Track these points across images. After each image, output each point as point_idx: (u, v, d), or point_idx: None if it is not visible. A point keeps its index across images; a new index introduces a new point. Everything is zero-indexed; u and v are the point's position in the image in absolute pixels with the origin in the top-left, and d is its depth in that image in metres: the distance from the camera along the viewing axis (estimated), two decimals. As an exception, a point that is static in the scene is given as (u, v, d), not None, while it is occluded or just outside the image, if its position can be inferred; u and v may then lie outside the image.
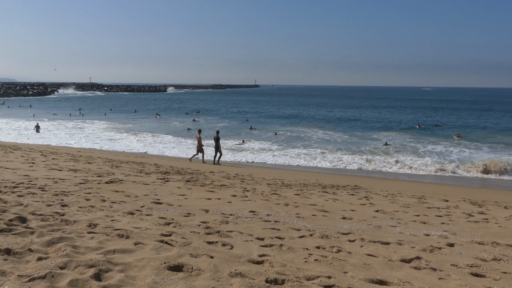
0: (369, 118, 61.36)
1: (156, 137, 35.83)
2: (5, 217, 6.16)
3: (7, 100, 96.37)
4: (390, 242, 6.61)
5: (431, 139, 36.40)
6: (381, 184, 16.71)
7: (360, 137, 38.45)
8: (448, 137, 38.02)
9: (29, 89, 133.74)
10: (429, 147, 31.60)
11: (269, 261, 5.13)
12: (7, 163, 13.46)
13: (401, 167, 23.25)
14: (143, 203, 8.49)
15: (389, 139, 35.94)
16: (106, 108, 74.86)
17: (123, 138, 34.97)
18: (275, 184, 13.61)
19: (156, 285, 4.14)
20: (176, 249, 5.26)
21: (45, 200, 7.87)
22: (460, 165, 22.97)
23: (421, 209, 10.26)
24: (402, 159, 24.85)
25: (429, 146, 32.50)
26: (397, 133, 41.82)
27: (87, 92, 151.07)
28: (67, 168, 13.42)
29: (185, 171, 15.66)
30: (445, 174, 21.89)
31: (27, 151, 18.43)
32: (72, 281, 4.04)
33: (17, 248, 4.84)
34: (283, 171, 20.49)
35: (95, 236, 5.59)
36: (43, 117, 53.25)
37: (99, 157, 19.21)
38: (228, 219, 7.52)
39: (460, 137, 38.00)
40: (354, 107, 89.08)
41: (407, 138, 37.46)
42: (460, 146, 32.31)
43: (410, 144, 33.55)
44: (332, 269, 5.06)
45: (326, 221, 8.06)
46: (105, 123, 47.86)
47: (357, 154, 27.12)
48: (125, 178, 11.97)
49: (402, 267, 5.33)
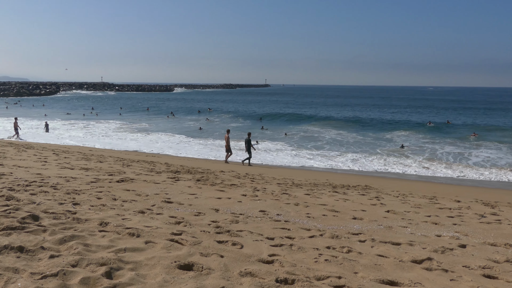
0: (380, 117, 61.07)
1: (171, 137, 35.93)
2: (18, 215, 6.23)
3: (20, 99, 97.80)
4: (401, 242, 6.57)
5: (447, 140, 35.62)
6: (392, 184, 16.61)
7: (374, 137, 37.87)
8: (463, 137, 37.51)
9: (42, 89, 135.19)
10: (447, 149, 30.52)
11: (279, 260, 5.13)
12: (20, 161, 13.61)
13: (434, 172, 21.87)
14: (154, 202, 8.53)
15: (403, 139, 35.59)
16: (118, 107, 75.20)
17: (137, 137, 35.08)
18: (285, 184, 13.59)
19: (166, 283, 4.16)
20: (186, 248, 5.28)
21: (57, 198, 7.95)
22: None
23: (432, 209, 10.18)
24: (433, 168, 23.09)
25: (446, 147, 31.50)
26: (409, 132, 41.50)
27: (91, 92, 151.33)
28: (78, 166, 13.53)
29: (195, 170, 15.71)
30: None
31: (40, 150, 18.63)
32: (83, 279, 4.08)
33: (30, 246, 4.89)
34: (293, 170, 20.46)
35: (106, 235, 5.63)
36: (57, 117, 53.60)
37: (110, 156, 19.35)
38: (238, 219, 7.53)
39: (476, 136, 37.50)
40: (365, 106, 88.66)
41: (422, 139, 36.79)
42: (481, 148, 31.08)
43: (426, 145, 32.81)
44: (343, 269, 5.04)
45: (336, 221, 8.03)
46: (120, 123, 48.03)
47: (375, 157, 26.50)
48: (136, 177, 12.04)
49: (413, 268, 5.29)
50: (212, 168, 17.70)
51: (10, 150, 16.98)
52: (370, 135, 40.12)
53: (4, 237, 5.09)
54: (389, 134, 40.23)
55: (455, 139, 35.85)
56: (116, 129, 41.71)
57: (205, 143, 32.67)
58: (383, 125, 48.28)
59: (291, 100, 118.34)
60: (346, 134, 40.30)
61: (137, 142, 31.93)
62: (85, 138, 33.16)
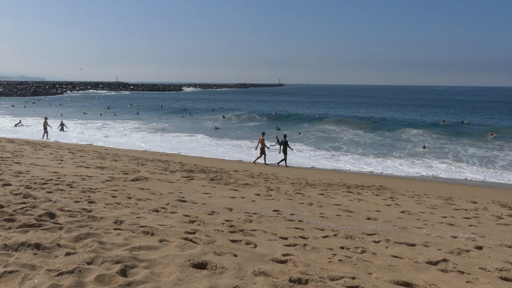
0: (394, 116, 60.61)
1: (191, 136, 35.95)
2: (35, 212, 6.32)
3: (28, 99, 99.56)
4: (416, 243, 6.51)
5: (465, 140, 34.87)
6: (406, 184, 16.46)
7: (392, 138, 37.26)
8: (482, 136, 36.91)
9: (58, 88, 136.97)
10: (470, 151, 29.61)
11: (292, 260, 5.12)
12: (37, 160, 13.81)
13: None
14: (168, 201, 8.58)
15: (420, 139, 35.17)
16: (136, 107, 75.49)
17: (155, 137, 35.12)
18: (299, 184, 13.57)
19: (180, 282, 4.18)
20: (200, 247, 5.30)
21: (73, 196, 8.05)
22: None
23: (448, 210, 10.06)
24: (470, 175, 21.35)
25: (468, 148, 30.67)
26: (423, 131, 41.05)
27: (106, 91, 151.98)
28: (94, 165, 13.68)
29: (209, 169, 15.76)
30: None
31: (56, 149, 18.87)
32: (98, 276, 4.12)
33: (46, 243, 4.96)
34: (307, 170, 20.40)
35: (121, 233, 5.68)
36: (73, 117, 54.02)
37: (125, 155, 19.51)
38: (252, 218, 7.53)
39: (494, 135, 36.92)
40: (379, 106, 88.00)
41: (438, 139, 36.23)
42: (504, 149, 30.16)
43: (445, 146, 32.18)
44: (357, 269, 5.01)
45: (350, 221, 7.99)
46: (137, 122, 48.23)
47: (398, 158, 26.02)
48: (150, 176, 12.13)
49: (428, 270, 5.23)
50: (226, 167, 17.74)
51: (27, 149, 17.24)
52: (386, 134, 39.67)
53: (21, 234, 5.17)
54: (405, 134, 39.77)
55: (474, 140, 35.18)
56: (134, 129, 41.68)
57: (220, 143, 32.71)
58: (398, 125, 47.73)
59: (306, 99, 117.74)
60: (363, 134, 39.78)
61: (156, 142, 31.70)
62: (105, 139, 33.08)
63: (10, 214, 6.11)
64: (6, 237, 5.04)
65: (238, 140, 34.53)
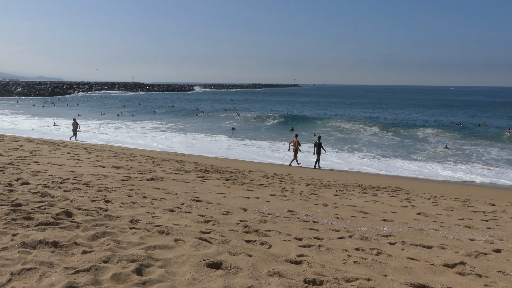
0: (410, 117, 60.02)
1: (210, 137, 35.94)
2: (53, 211, 6.42)
3: (56, 98, 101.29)
4: (432, 246, 6.43)
5: (484, 141, 34.11)
6: (423, 186, 16.28)
7: (411, 138, 36.64)
8: (499, 137, 36.31)
9: (75, 88, 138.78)
10: (493, 153, 28.68)
11: (307, 261, 5.10)
12: (55, 159, 14.01)
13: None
14: (183, 201, 8.62)
15: (437, 140, 34.69)
16: (151, 107, 75.86)
17: (174, 137, 35.12)
18: (314, 184, 13.52)
19: (195, 281, 4.20)
20: (215, 246, 5.32)
21: (89, 195, 8.14)
22: None
23: (465, 212, 9.93)
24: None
25: (491, 149, 29.84)
26: (439, 130, 40.52)
27: (122, 92, 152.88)
28: (110, 165, 13.82)
29: (224, 169, 15.80)
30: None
31: (73, 148, 19.12)
32: (114, 275, 4.16)
33: (64, 241, 5.02)
34: (322, 171, 20.31)
35: (136, 232, 5.72)
36: (91, 117, 54.44)
37: (141, 154, 19.67)
38: (267, 218, 7.53)
39: (511, 133, 36.45)
40: (395, 106, 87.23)
41: (455, 139, 35.67)
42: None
43: (465, 147, 31.60)
44: (372, 271, 4.97)
45: (365, 223, 7.93)
46: (156, 123, 48.35)
47: (422, 160, 25.57)
48: (165, 176, 12.20)
49: (445, 272, 5.16)
50: (241, 167, 17.76)
51: (45, 148, 17.49)
52: (403, 135, 39.11)
53: (39, 232, 5.25)
54: (421, 134, 39.23)
55: (492, 141, 34.54)
56: (153, 129, 41.63)
57: (237, 142, 32.73)
58: (414, 126, 47.22)
59: (321, 100, 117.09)
60: (382, 135, 39.20)
61: (179, 143, 31.54)
62: (128, 139, 32.80)
63: (28, 213, 6.22)
64: (25, 235, 5.12)
65: (256, 140, 34.51)
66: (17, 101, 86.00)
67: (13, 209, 6.30)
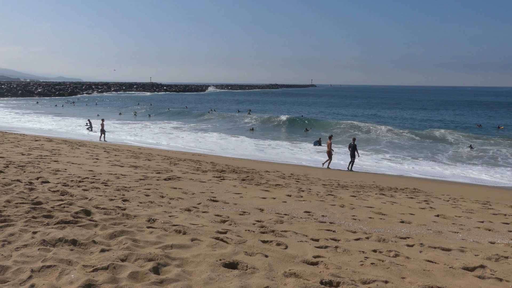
0: (430, 117, 59.30)
1: (235, 137, 35.88)
2: (72, 209, 6.51)
3: (76, 97, 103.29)
4: (451, 248, 6.34)
5: (506, 142, 33.62)
6: (442, 187, 16.05)
7: (432, 139, 36.10)
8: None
9: (94, 88, 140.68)
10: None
11: (324, 262, 5.07)
12: (74, 158, 14.21)
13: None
14: (200, 200, 8.66)
15: (460, 141, 34.19)
16: (167, 108, 76.09)
17: (197, 137, 35.23)
18: (331, 185, 13.44)
19: (211, 281, 4.21)
20: (231, 246, 5.33)
21: (107, 194, 8.23)
22: None
23: (485, 215, 9.76)
24: None
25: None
26: (459, 133, 39.92)
27: (140, 92, 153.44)
28: (128, 164, 13.95)
29: (240, 170, 15.82)
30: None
31: (92, 148, 19.36)
32: (132, 273, 4.20)
33: (82, 240, 5.09)
34: (339, 172, 20.19)
35: (154, 231, 5.77)
36: (110, 117, 54.84)
37: (158, 154, 19.82)
38: (283, 219, 7.51)
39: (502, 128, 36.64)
40: (412, 108, 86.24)
41: (478, 140, 35.17)
42: None
43: (485, 147, 31.01)
44: (389, 273, 4.92)
45: (383, 224, 7.86)
46: (176, 123, 48.43)
47: (446, 161, 25.16)
48: (182, 176, 12.27)
49: (465, 276, 5.08)
50: (257, 168, 17.76)
51: (64, 148, 17.76)
52: (423, 135, 38.59)
53: (59, 230, 5.33)
54: (441, 135, 38.68)
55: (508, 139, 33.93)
56: (174, 129, 41.58)
57: (258, 143, 32.76)
58: (433, 126, 46.61)
59: (339, 101, 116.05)
60: (402, 135, 38.53)
61: (205, 143, 31.52)
62: (155, 140, 32.69)
63: (48, 211, 6.32)
64: (45, 232, 5.21)
65: (274, 140, 34.49)
66: (37, 101, 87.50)
67: (34, 207, 6.42)
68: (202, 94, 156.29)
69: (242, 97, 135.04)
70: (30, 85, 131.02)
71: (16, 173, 9.76)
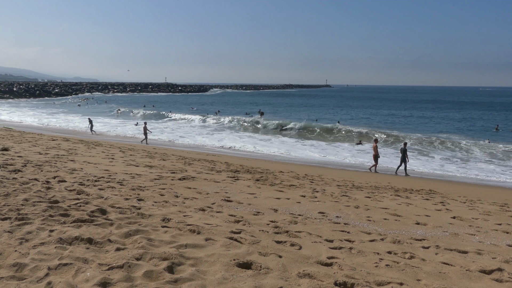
0: (444, 117, 58.57)
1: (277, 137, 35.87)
2: (88, 208, 6.59)
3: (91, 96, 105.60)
4: (468, 251, 6.25)
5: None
6: (458, 189, 15.84)
7: (451, 141, 35.67)
8: None
9: (110, 89, 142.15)
10: None
11: (338, 263, 5.05)
12: (90, 158, 14.37)
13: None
14: (214, 200, 8.69)
15: (472, 143, 33.73)
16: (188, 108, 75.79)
17: (224, 137, 35.08)
18: (345, 186, 13.37)
19: (225, 281, 4.22)
20: (245, 246, 5.33)
21: (123, 194, 8.31)
22: None
23: (503, 217, 9.60)
24: None
25: None
26: (475, 134, 39.32)
27: (155, 93, 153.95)
28: (143, 164, 14.07)
29: (254, 170, 15.82)
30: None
31: (107, 147, 19.56)
32: (147, 272, 4.23)
33: (98, 238, 5.15)
34: (354, 172, 20.06)
35: (168, 230, 5.81)
36: (126, 117, 54.94)
37: (173, 154, 19.94)
38: (297, 220, 7.50)
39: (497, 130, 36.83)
40: (430, 108, 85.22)
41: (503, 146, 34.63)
42: None
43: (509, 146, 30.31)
44: (404, 275, 4.88)
45: (398, 226, 7.79)
46: (200, 125, 48.36)
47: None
48: (197, 176, 12.33)
49: (481, 279, 5.01)
50: (272, 168, 17.75)
51: (80, 147, 17.98)
52: (443, 136, 38.05)
53: (75, 229, 5.40)
54: (455, 135, 38.12)
55: None
56: (203, 128, 41.68)
57: (288, 142, 32.73)
58: (447, 129, 45.93)
59: (355, 103, 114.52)
60: (423, 137, 37.97)
61: (241, 143, 31.26)
62: (181, 139, 32.84)
63: (65, 209, 6.41)
64: (61, 231, 5.28)
65: (311, 140, 34.51)
66: (54, 101, 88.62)
67: (51, 206, 6.52)
68: (216, 95, 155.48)
69: (255, 98, 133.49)
70: (47, 86, 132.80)
71: (33, 172, 9.91)
